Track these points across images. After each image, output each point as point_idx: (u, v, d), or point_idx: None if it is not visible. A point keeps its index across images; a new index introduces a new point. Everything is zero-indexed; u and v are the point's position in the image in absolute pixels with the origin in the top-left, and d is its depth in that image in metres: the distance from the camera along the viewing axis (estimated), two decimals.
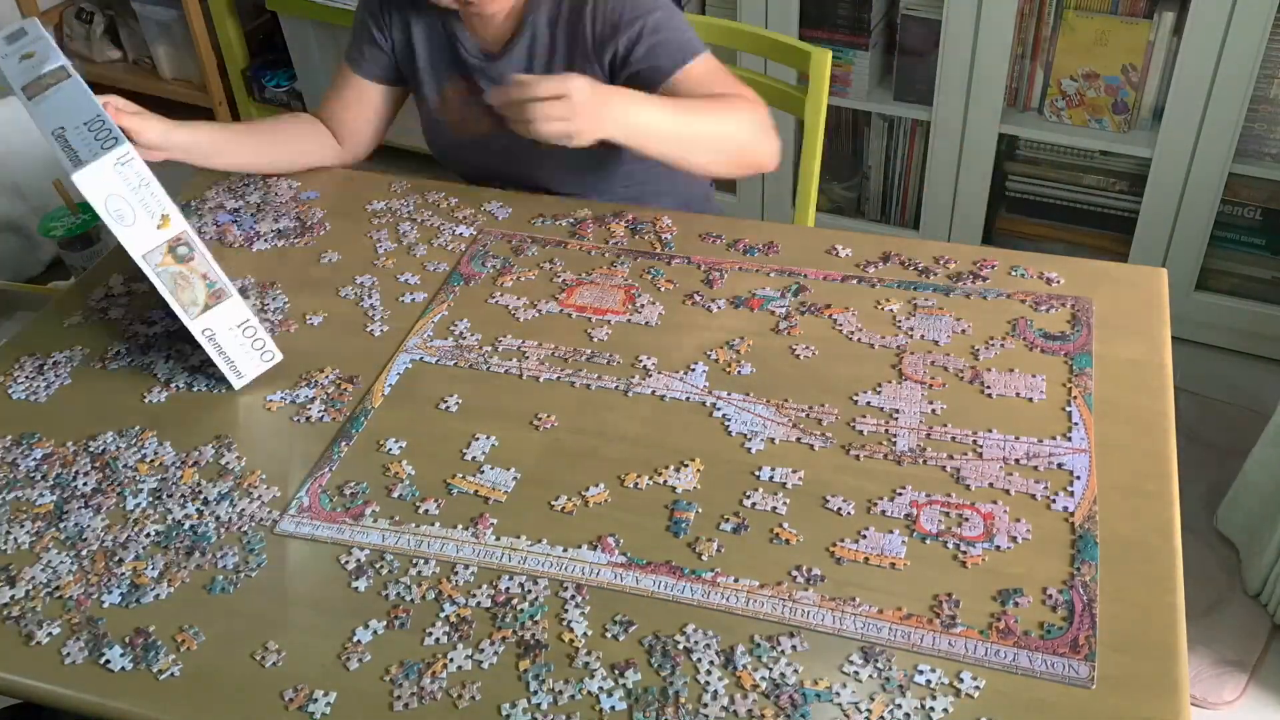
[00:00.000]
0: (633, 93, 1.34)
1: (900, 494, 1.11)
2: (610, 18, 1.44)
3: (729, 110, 1.39)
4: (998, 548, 1.05)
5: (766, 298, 1.36)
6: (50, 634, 1.05)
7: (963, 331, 1.29)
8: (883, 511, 1.09)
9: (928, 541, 1.06)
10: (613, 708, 0.95)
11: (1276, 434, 1.84)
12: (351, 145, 1.66)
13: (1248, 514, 1.93)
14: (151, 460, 1.21)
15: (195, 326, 1.23)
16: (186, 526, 1.13)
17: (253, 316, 1.26)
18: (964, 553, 1.05)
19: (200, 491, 1.17)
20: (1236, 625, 1.87)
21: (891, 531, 1.07)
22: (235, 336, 1.26)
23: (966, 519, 1.08)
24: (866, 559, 1.05)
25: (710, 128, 1.38)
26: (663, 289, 1.37)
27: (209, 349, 1.25)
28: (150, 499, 1.16)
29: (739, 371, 1.27)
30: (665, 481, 1.14)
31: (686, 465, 1.16)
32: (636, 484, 1.14)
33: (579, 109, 1.25)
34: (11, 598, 1.08)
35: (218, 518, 1.14)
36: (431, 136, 1.67)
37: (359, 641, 1.02)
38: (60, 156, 1.13)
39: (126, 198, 1.13)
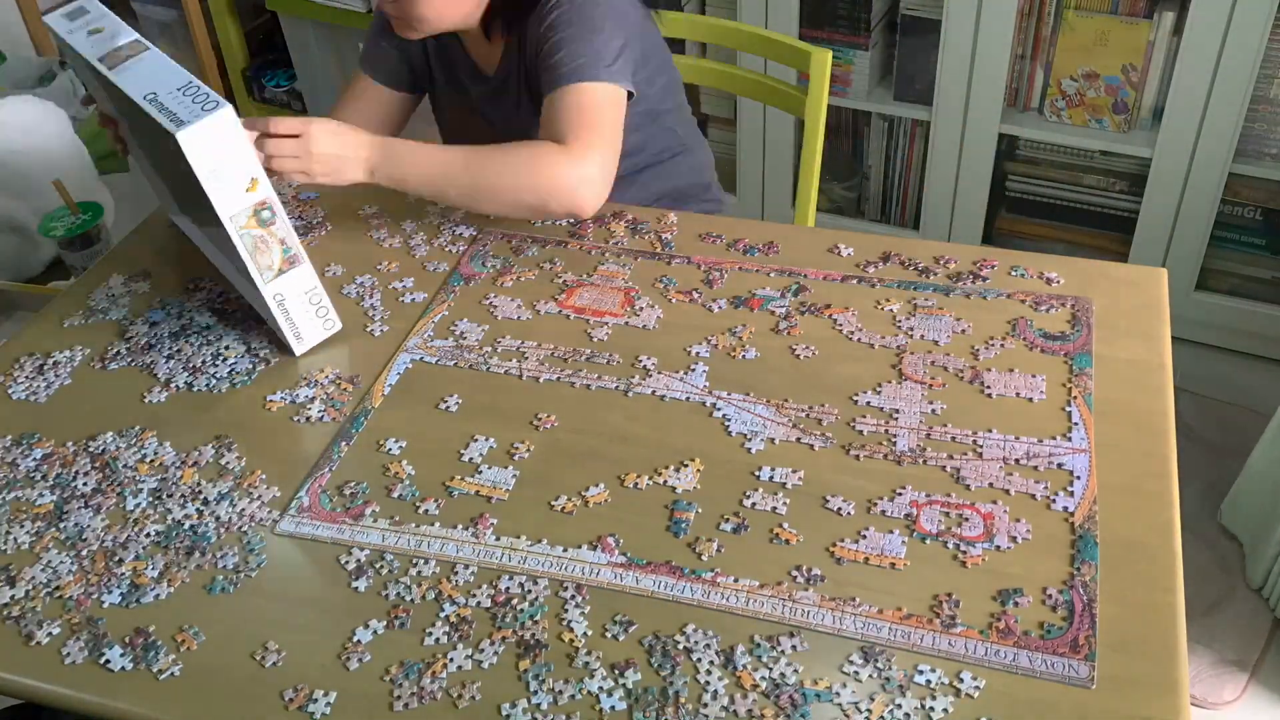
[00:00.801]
0: (395, 146, 1.36)
1: (900, 494, 1.11)
2: (538, 32, 1.43)
3: (521, 166, 1.36)
4: (998, 548, 1.05)
5: (766, 298, 1.36)
6: (50, 634, 1.04)
7: (963, 331, 1.29)
8: (883, 511, 1.09)
9: (928, 542, 1.06)
10: (613, 708, 0.95)
11: (1278, 431, 1.85)
12: None
13: (1252, 508, 1.93)
14: (151, 460, 1.21)
15: (268, 290, 1.26)
16: (186, 526, 1.13)
17: (319, 284, 1.30)
18: (964, 552, 1.05)
19: (200, 491, 1.17)
20: (1237, 625, 1.87)
21: (891, 531, 1.07)
22: (302, 303, 1.30)
23: (967, 519, 1.08)
24: (866, 559, 1.05)
25: (481, 184, 1.37)
26: (673, 300, 1.36)
27: (276, 314, 1.29)
28: (150, 499, 1.16)
29: (743, 356, 1.27)
30: (665, 482, 1.14)
31: (686, 465, 1.16)
32: (636, 484, 1.14)
33: (314, 155, 1.31)
34: (11, 598, 1.08)
35: (218, 518, 1.14)
36: (448, 139, 1.71)
37: (359, 641, 1.02)
38: (157, 118, 1.15)
39: (224, 159, 1.17)
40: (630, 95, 1.44)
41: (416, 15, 1.40)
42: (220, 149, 1.16)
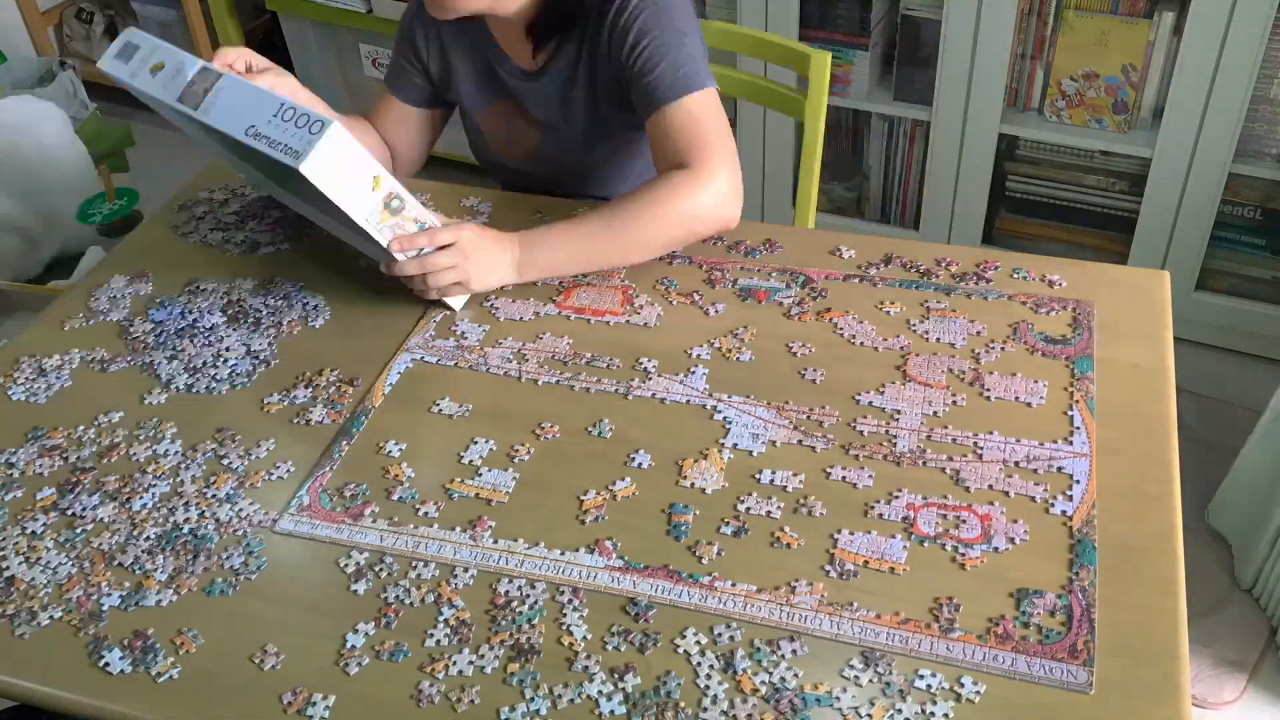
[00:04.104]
0: (536, 235, 1.37)
1: (899, 497, 1.11)
2: (619, 40, 1.42)
3: (659, 210, 1.36)
4: (996, 549, 1.05)
5: (773, 289, 1.36)
6: (49, 636, 1.04)
7: (965, 333, 1.29)
8: (880, 515, 1.09)
9: (926, 545, 1.06)
10: (612, 712, 0.95)
11: (1266, 431, 1.85)
12: (400, 163, 1.66)
13: (1239, 510, 1.93)
14: (152, 462, 1.21)
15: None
16: (187, 529, 1.13)
17: None
18: (962, 554, 1.05)
19: (201, 492, 1.17)
20: (1236, 625, 1.87)
21: (893, 536, 1.07)
22: None
23: (964, 521, 1.08)
24: (866, 562, 1.05)
25: (629, 238, 1.37)
26: (674, 302, 1.36)
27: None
28: (150, 501, 1.16)
29: (739, 358, 1.27)
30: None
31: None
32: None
33: (470, 263, 1.32)
34: (10, 599, 1.08)
35: (218, 519, 1.14)
36: (479, 151, 1.68)
37: (358, 645, 1.01)
38: (269, 152, 1.17)
39: (345, 171, 1.19)
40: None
41: None
42: (340, 166, 1.18)
